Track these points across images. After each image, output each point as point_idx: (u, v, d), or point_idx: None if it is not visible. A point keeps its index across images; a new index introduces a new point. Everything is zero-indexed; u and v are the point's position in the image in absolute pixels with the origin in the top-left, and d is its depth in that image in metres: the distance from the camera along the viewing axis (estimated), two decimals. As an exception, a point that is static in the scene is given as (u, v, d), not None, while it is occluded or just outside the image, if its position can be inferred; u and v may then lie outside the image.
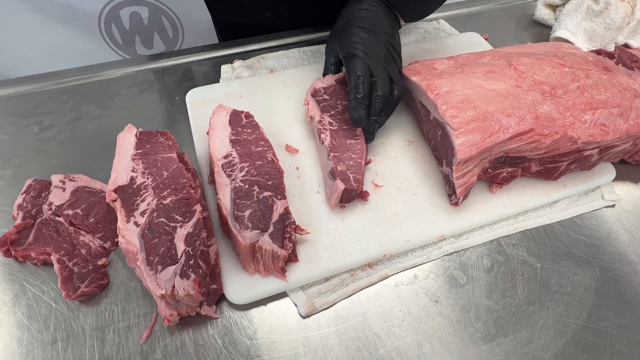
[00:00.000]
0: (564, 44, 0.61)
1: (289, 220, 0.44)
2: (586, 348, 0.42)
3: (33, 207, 0.50)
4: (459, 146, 0.45)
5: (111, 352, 0.41)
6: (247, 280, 0.44)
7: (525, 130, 0.46)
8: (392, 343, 0.42)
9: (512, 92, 0.49)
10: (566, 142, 0.48)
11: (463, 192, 0.48)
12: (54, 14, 1.36)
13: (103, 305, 0.44)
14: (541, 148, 0.48)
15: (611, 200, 0.53)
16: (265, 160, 0.49)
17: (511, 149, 0.47)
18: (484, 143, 0.45)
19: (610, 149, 0.51)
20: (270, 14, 0.78)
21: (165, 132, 0.52)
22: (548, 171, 0.51)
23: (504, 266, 0.48)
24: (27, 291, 0.45)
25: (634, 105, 0.50)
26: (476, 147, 0.45)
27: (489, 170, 0.50)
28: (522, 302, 0.45)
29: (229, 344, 0.42)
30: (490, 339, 0.42)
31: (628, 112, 0.49)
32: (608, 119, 0.49)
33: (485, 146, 0.45)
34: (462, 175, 0.47)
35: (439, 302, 0.45)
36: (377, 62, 0.52)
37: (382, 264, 0.47)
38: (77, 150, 0.59)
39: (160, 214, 0.42)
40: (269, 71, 0.69)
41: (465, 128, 0.46)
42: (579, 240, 0.50)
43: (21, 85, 0.68)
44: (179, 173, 0.46)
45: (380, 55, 0.52)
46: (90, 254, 0.47)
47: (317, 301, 0.44)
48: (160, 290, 0.38)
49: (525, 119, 0.47)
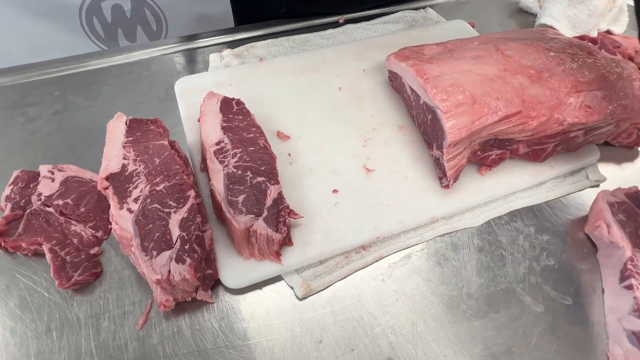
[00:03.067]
0: (549, 30, 0.62)
1: (283, 204, 0.44)
2: (575, 321, 0.43)
3: (22, 198, 0.49)
4: (449, 129, 0.46)
5: (107, 339, 0.41)
6: (242, 265, 0.44)
7: (513, 113, 0.47)
8: (387, 322, 0.43)
9: (499, 76, 0.50)
10: (553, 123, 0.49)
11: (454, 174, 0.49)
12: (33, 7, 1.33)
13: (97, 293, 0.44)
14: (529, 130, 0.49)
15: (596, 181, 0.55)
16: (257, 147, 0.49)
17: (500, 131, 0.48)
18: (474, 125, 0.46)
19: (594, 130, 0.52)
20: (285, 10, 0.77)
21: (155, 120, 0.51)
22: (535, 153, 0.53)
23: (494, 246, 0.49)
24: (19, 282, 0.44)
25: (617, 88, 0.51)
26: (466, 129, 0.46)
27: (479, 152, 0.51)
28: (512, 280, 0.46)
29: (225, 327, 0.42)
30: (482, 315, 0.43)
31: (612, 94, 0.51)
32: (593, 100, 0.50)
33: (475, 128, 0.46)
34: (452, 157, 0.48)
35: (431, 281, 0.46)
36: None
37: (375, 245, 0.48)
38: (65, 141, 0.58)
39: (153, 200, 0.42)
40: (258, 59, 0.69)
41: (455, 111, 0.47)
42: (566, 219, 0.52)
43: (4, 77, 0.66)
44: (171, 160, 0.46)
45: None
46: (82, 243, 0.46)
47: (313, 283, 0.44)
48: (156, 275, 0.38)
49: (513, 101, 0.48)
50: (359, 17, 0.79)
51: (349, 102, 0.61)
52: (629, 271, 0.43)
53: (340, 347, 0.41)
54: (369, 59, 0.67)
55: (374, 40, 0.72)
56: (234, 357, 0.40)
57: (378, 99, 0.62)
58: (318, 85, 0.63)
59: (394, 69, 0.58)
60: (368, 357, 0.40)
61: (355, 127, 0.58)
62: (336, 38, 0.75)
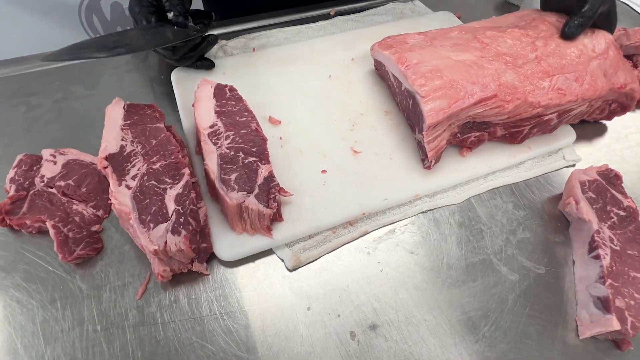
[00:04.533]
0: (528, 12, 0.63)
1: (273, 182, 0.47)
2: (547, 288, 0.46)
3: (25, 180, 0.51)
4: (427, 112, 0.49)
5: (108, 308, 0.43)
6: (235, 239, 0.47)
7: (489, 96, 0.50)
8: (372, 290, 0.45)
9: (477, 62, 0.52)
10: (527, 107, 0.52)
11: (434, 155, 0.52)
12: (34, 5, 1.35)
13: (98, 267, 0.47)
14: (504, 113, 0.51)
15: (571, 161, 0.58)
16: (249, 129, 0.52)
17: (477, 113, 0.51)
18: (451, 108, 0.49)
19: (568, 112, 0.55)
20: None
21: (152, 105, 0.54)
22: (512, 135, 0.55)
23: (473, 221, 0.52)
24: (24, 257, 0.47)
25: (588, 70, 0.54)
26: (443, 112, 0.49)
27: (458, 134, 0.54)
28: (490, 252, 0.49)
29: (220, 296, 0.45)
30: (460, 284, 0.46)
31: (583, 77, 0.53)
32: (564, 83, 0.53)
33: (452, 111, 0.49)
34: (432, 139, 0.51)
35: (414, 254, 0.48)
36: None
37: (362, 221, 0.50)
38: (65, 128, 0.61)
39: (150, 177, 0.45)
40: (251, 50, 0.71)
41: (433, 95, 0.49)
42: (543, 197, 0.54)
43: (5, 67, 0.69)
44: (167, 141, 0.48)
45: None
46: (84, 221, 0.49)
47: (302, 256, 0.47)
48: (153, 246, 0.41)
49: (489, 86, 0.50)
50: (349, 10, 0.82)
51: (338, 89, 0.64)
52: (596, 242, 0.45)
53: (328, 313, 0.44)
54: (357, 48, 0.70)
55: (362, 31, 0.74)
56: (227, 323, 0.43)
57: (366, 86, 0.64)
58: (309, 73, 0.66)
59: (378, 58, 0.61)
60: (353, 322, 0.43)
61: (344, 112, 0.60)
62: (327, 29, 0.77)
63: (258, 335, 0.42)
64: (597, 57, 0.55)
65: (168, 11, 0.57)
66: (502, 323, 0.44)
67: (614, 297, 0.42)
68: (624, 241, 0.46)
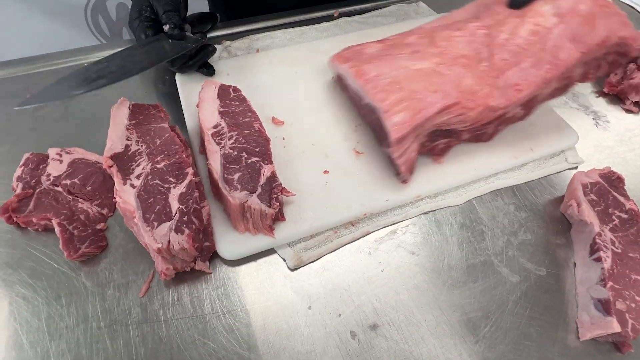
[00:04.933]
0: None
1: (276, 182, 0.47)
2: (548, 290, 0.46)
3: (32, 179, 0.52)
4: (391, 126, 0.47)
5: (112, 305, 0.44)
6: (238, 238, 0.47)
7: (451, 104, 0.48)
8: (372, 290, 0.46)
9: (435, 70, 0.50)
10: (489, 112, 0.50)
11: (407, 169, 0.50)
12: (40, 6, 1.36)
13: (102, 265, 0.47)
14: (468, 120, 0.50)
15: (574, 163, 0.58)
16: (252, 130, 0.52)
17: (442, 122, 0.49)
18: (415, 120, 0.47)
19: (533, 100, 0.52)
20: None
21: (156, 105, 0.54)
22: (478, 137, 0.54)
23: (475, 222, 0.52)
24: (30, 254, 0.48)
25: (547, 46, 0.50)
26: (407, 125, 0.47)
27: (427, 143, 0.52)
28: (491, 253, 0.49)
29: (222, 295, 0.45)
30: (461, 284, 0.46)
31: (541, 57, 0.49)
32: (520, 75, 0.49)
33: (416, 123, 0.47)
34: (401, 154, 0.49)
35: (415, 254, 0.49)
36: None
37: (363, 222, 0.51)
38: (71, 128, 0.62)
39: (154, 176, 0.45)
40: (255, 51, 0.72)
41: (395, 109, 0.47)
42: (545, 199, 0.55)
43: (13, 67, 0.70)
44: (171, 140, 0.49)
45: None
46: (89, 219, 0.50)
47: (304, 255, 0.47)
48: (156, 244, 0.41)
49: (451, 93, 0.48)
50: (353, 11, 0.83)
51: (341, 91, 0.64)
52: (598, 245, 0.45)
53: (329, 312, 0.44)
54: (360, 50, 0.70)
55: (366, 32, 0.75)
56: (229, 321, 0.43)
57: (368, 88, 0.65)
58: (312, 74, 0.66)
59: (337, 71, 0.58)
60: (354, 321, 0.44)
61: (346, 113, 0.61)
62: (330, 31, 0.78)
63: (259, 333, 0.43)
64: (562, 22, 0.50)
65: (164, 24, 0.57)
66: (502, 324, 0.44)
67: (614, 300, 0.42)
68: (625, 244, 0.46)
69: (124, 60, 0.52)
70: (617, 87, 0.68)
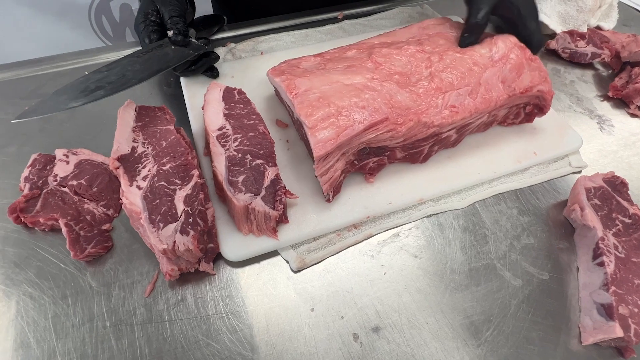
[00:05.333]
0: (432, 22, 0.62)
1: (280, 184, 0.48)
2: (550, 294, 0.46)
3: (39, 179, 0.53)
4: (315, 144, 0.45)
5: (117, 305, 0.45)
6: (242, 240, 0.48)
7: (379, 120, 0.47)
8: (375, 293, 0.46)
9: (367, 85, 0.50)
10: (421, 127, 0.50)
11: (329, 188, 0.49)
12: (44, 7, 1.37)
13: (108, 265, 0.48)
14: (398, 136, 0.49)
15: (577, 167, 0.58)
16: (257, 132, 0.53)
17: (370, 139, 0.48)
18: (339, 138, 0.46)
19: (466, 126, 0.54)
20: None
21: (162, 107, 0.55)
22: (412, 156, 0.54)
23: (478, 226, 0.52)
24: (37, 254, 0.48)
25: (482, 80, 0.52)
26: (331, 142, 0.45)
27: (355, 162, 0.51)
28: (494, 257, 0.49)
29: (226, 296, 0.45)
30: (463, 288, 0.47)
31: (477, 89, 0.51)
32: (457, 100, 0.51)
33: (341, 140, 0.46)
34: (325, 171, 0.47)
35: (418, 257, 0.49)
36: None
37: (366, 224, 0.51)
38: (78, 129, 0.62)
39: (160, 178, 0.46)
40: (260, 53, 0.72)
41: (320, 125, 0.46)
42: (548, 203, 0.55)
43: (20, 69, 0.71)
44: (176, 142, 0.49)
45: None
46: (95, 220, 0.50)
47: (307, 257, 0.48)
48: (162, 245, 0.42)
49: (380, 109, 0.48)
50: (357, 14, 0.83)
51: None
52: (601, 249, 0.46)
53: (331, 314, 0.44)
54: (365, 52, 0.70)
55: (370, 35, 0.75)
56: (233, 322, 0.44)
57: (372, 90, 0.65)
58: (316, 77, 0.67)
59: (273, 84, 0.57)
60: (356, 324, 0.44)
61: (350, 116, 0.61)
62: (334, 33, 0.78)
63: (262, 334, 0.43)
64: (495, 64, 0.53)
65: (168, 30, 0.57)
66: (504, 328, 0.44)
67: (617, 304, 0.42)
68: (628, 249, 0.46)
69: (124, 69, 0.53)
70: (622, 91, 0.68)
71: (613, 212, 0.49)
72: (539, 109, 0.57)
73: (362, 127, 0.47)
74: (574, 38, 0.74)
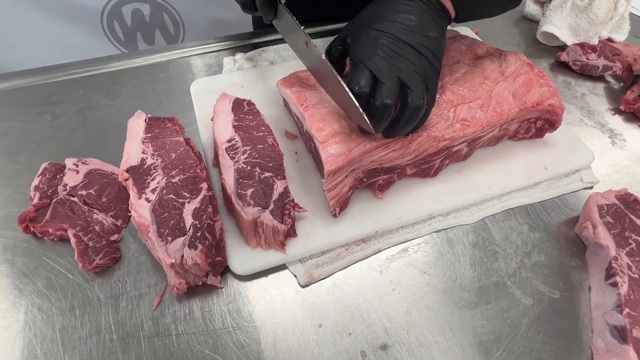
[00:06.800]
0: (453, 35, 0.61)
1: (288, 198, 0.48)
2: (562, 314, 0.46)
3: (49, 188, 0.53)
4: (326, 158, 0.45)
5: (125, 317, 0.44)
6: (250, 253, 0.47)
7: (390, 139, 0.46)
8: (383, 309, 0.45)
9: None
10: (432, 141, 0.49)
11: (336, 203, 0.48)
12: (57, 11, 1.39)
13: (116, 276, 0.48)
14: (409, 153, 0.49)
15: (589, 183, 0.57)
16: (266, 144, 0.52)
17: (381, 157, 0.48)
18: (351, 153, 0.45)
19: (477, 140, 0.54)
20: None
21: (172, 118, 0.55)
22: (423, 171, 0.53)
23: (487, 242, 0.51)
24: (46, 264, 0.48)
25: (494, 94, 0.51)
26: (343, 157, 0.45)
27: (364, 179, 0.51)
28: (504, 274, 0.49)
29: (233, 310, 0.45)
30: (473, 306, 0.46)
31: (488, 103, 0.51)
32: (469, 113, 0.50)
33: (353, 156, 0.45)
34: (333, 187, 0.47)
35: (427, 273, 0.48)
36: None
37: (375, 239, 0.51)
38: (88, 137, 0.63)
39: (169, 191, 0.46)
40: (269, 63, 0.72)
41: (331, 140, 0.46)
42: (559, 219, 0.54)
43: (32, 77, 0.71)
44: (186, 154, 0.49)
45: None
46: (104, 230, 0.50)
47: (315, 272, 0.47)
48: (170, 259, 0.42)
49: None
50: (366, 24, 0.83)
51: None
52: (614, 269, 0.45)
53: (339, 331, 0.44)
54: (374, 63, 0.70)
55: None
56: (240, 337, 0.43)
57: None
58: (325, 88, 0.66)
59: (283, 95, 0.57)
60: (364, 341, 0.43)
61: (359, 128, 0.61)
62: (344, 43, 0.78)
63: (269, 350, 0.43)
64: (506, 79, 0.53)
65: None
66: (515, 348, 0.43)
67: (631, 327, 0.41)
68: (642, 269, 0.45)
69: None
70: (634, 105, 0.67)
71: (626, 230, 0.48)
72: (550, 124, 0.57)
73: (374, 144, 0.46)
74: (585, 50, 0.73)
